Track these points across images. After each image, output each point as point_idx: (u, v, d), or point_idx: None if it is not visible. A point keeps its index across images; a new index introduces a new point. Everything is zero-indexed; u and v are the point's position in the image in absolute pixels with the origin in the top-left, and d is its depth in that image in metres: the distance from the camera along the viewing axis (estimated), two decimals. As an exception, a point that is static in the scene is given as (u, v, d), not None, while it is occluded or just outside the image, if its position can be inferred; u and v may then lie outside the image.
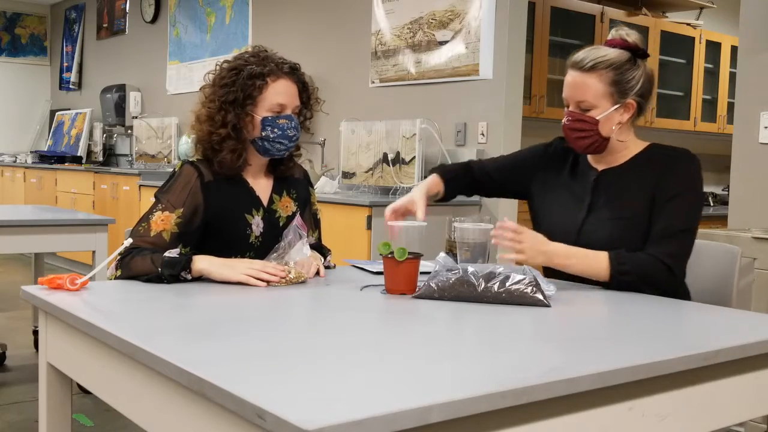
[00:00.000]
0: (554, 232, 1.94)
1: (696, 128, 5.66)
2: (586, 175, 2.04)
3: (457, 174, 2.24)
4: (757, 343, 1.37)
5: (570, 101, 1.95)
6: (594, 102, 1.91)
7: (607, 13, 5.05)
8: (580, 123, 1.93)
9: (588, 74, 1.91)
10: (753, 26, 3.18)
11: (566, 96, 1.96)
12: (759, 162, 3.12)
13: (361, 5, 4.73)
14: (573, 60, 1.95)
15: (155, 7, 7.05)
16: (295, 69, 2.06)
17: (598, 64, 1.90)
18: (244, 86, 1.97)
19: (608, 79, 1.91)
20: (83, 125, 7.83)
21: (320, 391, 0.99)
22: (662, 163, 1.94)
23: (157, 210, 1.92)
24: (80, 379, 1.53)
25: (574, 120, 1.94)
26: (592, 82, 1.91)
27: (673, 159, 1.94)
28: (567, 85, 1.96)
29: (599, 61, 1.90)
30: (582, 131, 1.93)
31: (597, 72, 1.90)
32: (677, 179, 1.91)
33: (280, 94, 2.00)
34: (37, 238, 3.37)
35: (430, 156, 4.10)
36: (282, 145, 2.02)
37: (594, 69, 1.91)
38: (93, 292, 1.65)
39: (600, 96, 1.91)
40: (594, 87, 1.91)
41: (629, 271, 1.81)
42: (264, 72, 1.98)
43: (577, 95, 1.93)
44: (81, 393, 2.83)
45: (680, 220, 1.88)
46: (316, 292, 1.78)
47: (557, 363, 1.18)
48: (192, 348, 1.23)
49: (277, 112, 2.00)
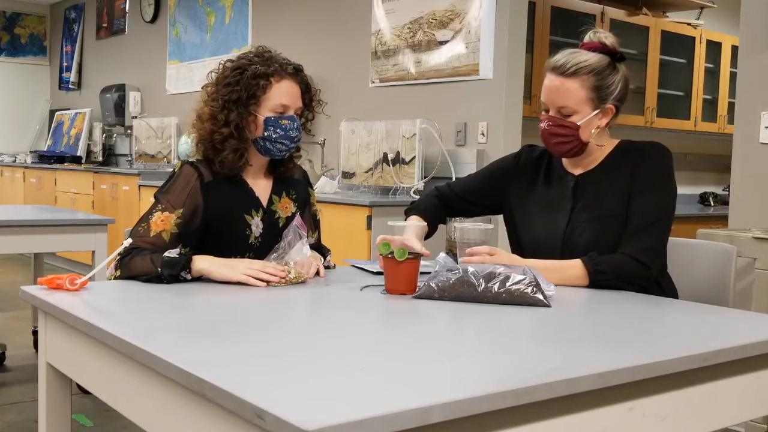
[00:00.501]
0: (538, 240, 1.95)
1: (696, 128, 5.66)
2: (564, 181, 2.02)
3: (433, 206, 2.18)
4: (757, 343, 1.37)
5: (550, 105, 1.94)
6: (575, 107, 1.90)
7: (608, 13, 5.05)
8: (560, 128, 1.92)
9: (569, 79, 1.89)
10: (753, 26, 3.18)
11: (546, 100, 1.94)
12: (759, 162, 3.12)
13: (361, 5, 4.73)
14: (553, 64, 1.93)
15: (155, 6, 7.04)
16: (299, 70, 2.06)
17: (579, 70, 1.89)
18: (248, 86, 1.97)
19: (589, 85, 1.90)
20: (83, 125, 7.83)
21: (320, 391, 0.99)
22: (632, 159, 1.94)
23: (156, 210, 1.92)
24: (80, 380, 1.53)
25: (554, 125, 1.93)
26: (573, 87, 1.89)
27: (642, 153, 1.95)
28: (547, 90, 1.93)
29: (581, 66, 1.89)
30: (562, 136, 1.92)
31: (579, 77, 1.89)
32: (646, 173, 1.91)
33: (283, 94, 2.00)
34: (37, 238, 3.37)
35: (430, 156, 4.10)
36: (283, 146, 2.02)
37: (576, 74, 1.89)
38: (92, 292, 1.65)
39: (581, 101, 1.90)
40: (576, 92, 1.89)
41: (605, 271, 1.82)
42: (268, 72, 1.98)
43: (559, 100, 1.91)
44: (81, 393, 2.83)
45: (650, 213, 1.88)
46: (316, 292, 1.77)
47: (557, 363, 1.18)
48: (192, 348, 1.23)
49: (279, 113, 2.00)
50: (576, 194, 1.99)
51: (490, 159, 3.96)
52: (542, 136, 1.96)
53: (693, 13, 6.14)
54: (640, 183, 1.91)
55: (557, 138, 1.93)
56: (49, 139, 8.50)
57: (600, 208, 1.94)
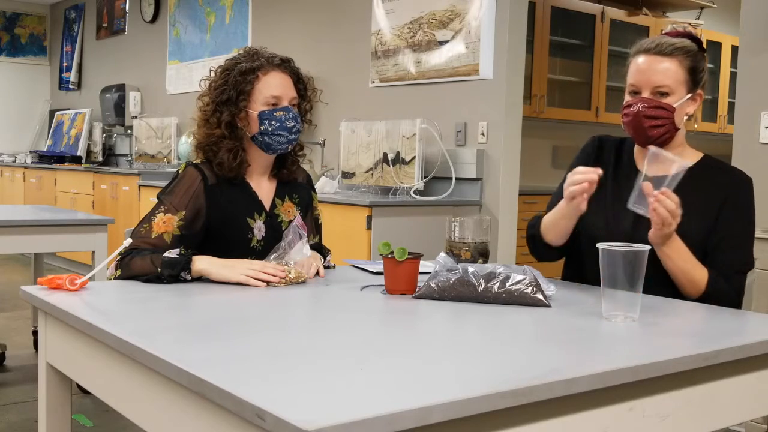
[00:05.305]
0: (597, 236, 1.68)
1: (696, 128, 5.66)
2: (632, 180, 1.84)
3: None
4: (757, 343, 1.37)
5: (644, 86, 1.85)
6: (674, 87, 1.84)
7: (608, 13, 5.05)
8: (657, 110, 1.83)
9: (668, 58, 1.84)
10: (753, 26, 3.18)
11: (639, 81, 1.85)
12: (759, 162, 3.12)
13: (361, 5, 4.73)
14: (645, 47, 1.87)
15: (155, 6, 7.04)
16: (287, 61, 2.06)
17: (677, 50, 1.84)
18: (236, 83, 1.97)
19: (686, 66, 1.85)
20: (83, 125, 7.83)
21: (320, 391, 0.99)
22: (723, 184, 1.89)
23: (159, 211, 1.92)
24: (80, 380, 1.53)
25: (650, 107, 1.83)
26: (672, 66, 1.84)
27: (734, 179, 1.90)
28: (642, 70, 1.85)
29: (678, 47, 1.85)
30: (658, 119, 1.84)
31: (676, 57, 1.84)
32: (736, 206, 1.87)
33: (273, 86, 2.00)
34: (37, 238, 3.37)
35: (430, 156, 4.10)
36: (283, 138, 2.01)
37: (673, 54, 1.84)
38: (92, 292, 1.65)
39: (679, 82, 1.84)
40: (674, 71, 1.84)
41: (710, 296, 1.80)
42: (254, 66, 1.99)
43: (657, 79, 1.84)
44: (81, 393, 2.83)
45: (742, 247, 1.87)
46: (316, 292, 1.77)
47: (557, 363, 1.18)
48: (192, 348, 1.23)
49: (273, 105, 2.00)
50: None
51: (490, 159, 3.96)
52: (633, 120, 1.85)
53: (693, 13, 6.14)
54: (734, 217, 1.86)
55: (652, 121, 1.83)
56: (49, 139, 8.50)
57: None
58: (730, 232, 1.86)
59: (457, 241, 1.90)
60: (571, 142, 5.09)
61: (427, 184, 4.05)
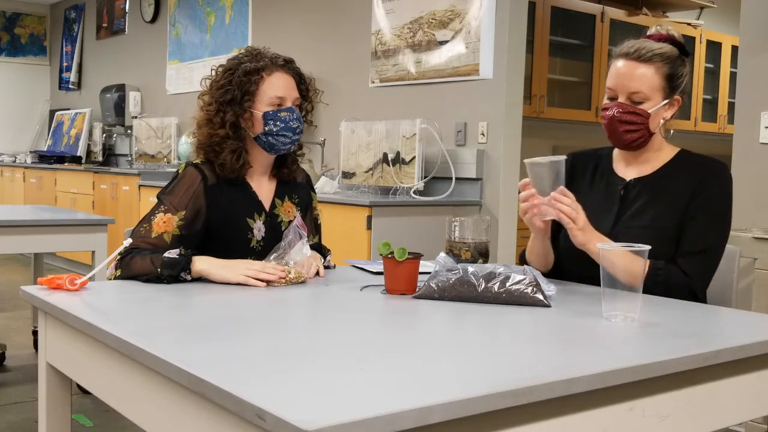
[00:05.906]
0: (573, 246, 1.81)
1: (696, 128, 5.66)
2: (612, 184, 1.96)
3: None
4: (757, 343, 1.37)
5: (620, 92, 1.87)
6: (648, 94, 1.85)
7: (608, 13, 5.05)
8: (630, 115, 1.86)
9: (644, 65, 1.85)
10: (753, 26, 3.18)
11: (616, 86, 1.88)
12: (759, 162, 3.12)
13: (361, 5, 4.73)
14: (624, 50, 1.88)
15: (155, 6, 7.04)
16: (290, 62, 2.06)
17: (654, 56, 1.85)
18: (240, 84, 1.97)
19: (663, 72, 1.86)
20: (83, 125, 7.83)
21: (320, 391, 0.99)
22: (694, 175, 1.89)
23: (159, 211, 1.92)
24: (80, 380, 1.53)
25: (624, 112, 1.85)
26: (648, 72, 1.85)
27: (706, 171, 1.89)
28: (619, 75, 1.87)
29: (656, 53, 1.85)
30: (632, 124, 1.86)
31: (653, 63, 1.85)
32: (710, 196, 1.86)
33: (277, 87, 2.00)
34: (37, 238, 3.37)
35: (430, 156, 4.10)
36: (287, 138, 2.01)
37: (651, 60, 1.85)
38: (92, 292, 1.65)
39: (654, 88, 1.85)
40: (650, 78, 1.85)
41: (656, 281, 1.78)
42: (258, 67, 1.99)
43: (633, 85, 1.85)
44: (81, 393, 2.83)
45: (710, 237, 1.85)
46: (316, 292, 1.77)
47: (557, 363, 1.18)
48: (192, 348, 1.23)
49: (277, 105, 2.00)
50: (625, 199, 1.93)
51: (490, 159, 3.96)
52: (608, 124, 1.88)
53: (693, 13, 6.14)
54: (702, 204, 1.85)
55: (626, 126, 1.86)
56: (49, 139, 8.50)
57: (650, 218, 1.88)
58: (695, 215, 1.86)
59: (457, 241, 1.90)
60: (571, 142, 5.09)
61: (427, 184, 4.05)
